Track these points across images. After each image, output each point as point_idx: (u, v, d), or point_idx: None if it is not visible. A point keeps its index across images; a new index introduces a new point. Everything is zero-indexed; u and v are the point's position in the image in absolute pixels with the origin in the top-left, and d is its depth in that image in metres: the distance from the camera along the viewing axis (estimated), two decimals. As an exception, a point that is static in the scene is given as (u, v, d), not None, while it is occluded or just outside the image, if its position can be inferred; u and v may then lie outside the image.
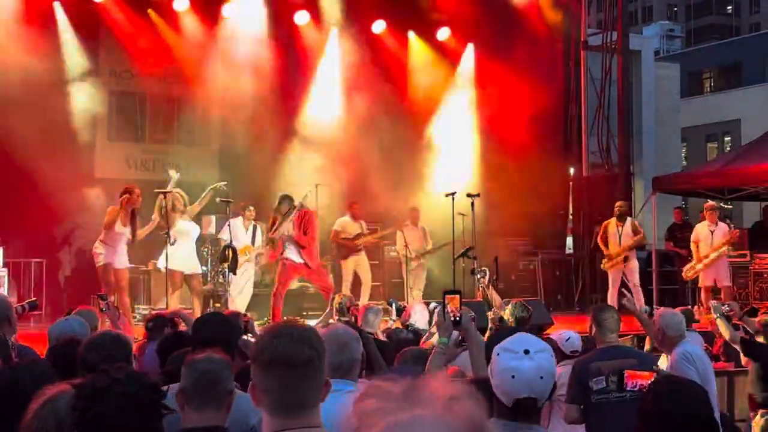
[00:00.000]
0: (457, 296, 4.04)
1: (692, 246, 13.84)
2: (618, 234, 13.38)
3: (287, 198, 11.83)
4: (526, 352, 2.98)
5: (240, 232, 12.54)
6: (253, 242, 12.65)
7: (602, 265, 13.69)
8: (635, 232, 13.37)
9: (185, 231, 11.39)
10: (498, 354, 3.04)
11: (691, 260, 13.82)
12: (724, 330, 7.39)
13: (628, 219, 13.57)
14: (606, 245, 13.51)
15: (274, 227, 11.76)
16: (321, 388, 2.52)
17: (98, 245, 10.86)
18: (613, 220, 13.55)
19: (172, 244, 11.18)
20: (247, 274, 12.60)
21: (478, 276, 11.15)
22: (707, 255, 13.43)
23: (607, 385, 5.31)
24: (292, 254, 11.68)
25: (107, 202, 11.38)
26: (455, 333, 4.07)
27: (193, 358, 3.39)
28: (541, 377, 2.98)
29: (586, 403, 5.41)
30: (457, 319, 3.98)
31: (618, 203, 13.85)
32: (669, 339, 6.20)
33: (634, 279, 13.42)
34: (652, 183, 15.97)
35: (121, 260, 10.95)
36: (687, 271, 13.86)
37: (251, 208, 12.73)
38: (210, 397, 3.24)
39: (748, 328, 7.70)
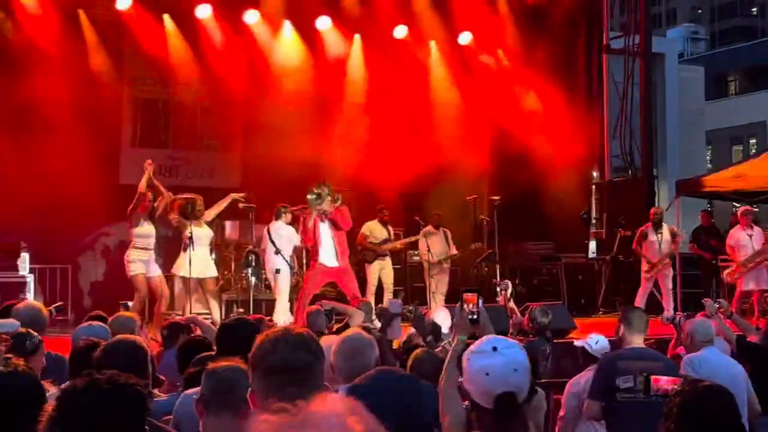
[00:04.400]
0: (475, 294, 4.03)
1: (728, 250, 13.82)
2: (658, 241, 13.41)
3: (326, 184, 11.65)
4: (494, 349, 3.01)
5: (291, 235, 12.50)
6: None
7: (644, 273, 13.66)
8: (673, 237, 13.46)
9: (198, 236, 11.45)
10: (468, 359, 3.07)
11: (730, 265, 13.83)
12: (720, 328, 7.35)
13: (664, 225, 13.60)
14: (643, 252, 13.54)
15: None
16: (321, 392, 2.55)
17: (130, 252, 10.99)
18: (650, 226, 13.56)
19: (185, 251, 11.26)
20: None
21: (500, 289, 11.10)
22: (752, 260, 13.40)
23: (635, 385, 5.27)
24: (326, 257, 11.53)
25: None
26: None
27: (212, 367, 3.42)
28: (515, 369, 3.00)
29: (610, 401, 5.38)
30: (475, 317, 3.97)
31: (654, 209, 13.88)
32: (695, 344, 6.22)
33: (668, 284, 13.50)
34: (675, 186, 15.90)
35: (153, 267, 11.06)
36: (729, 275, 13.78)
37: (283, 208, 12.65)
38: (227, 404, 3.25)
39: (738, 327, 7.67)
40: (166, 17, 14.59)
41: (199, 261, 11.37)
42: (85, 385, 2.53)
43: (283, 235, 12.44)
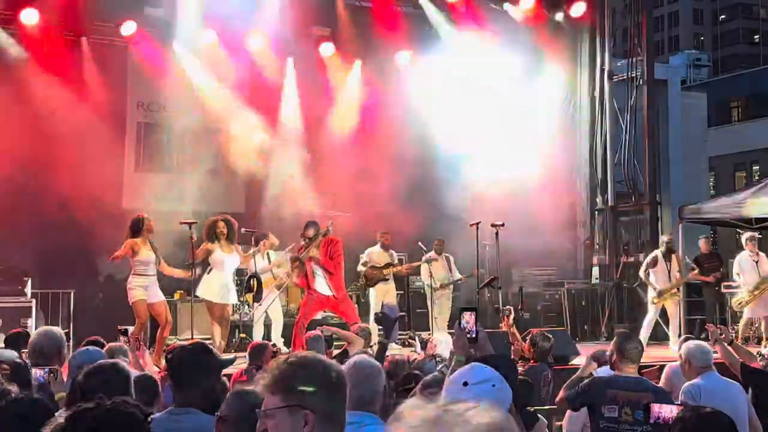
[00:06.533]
0: (474, 313, 4.00)
1: (735, 277, 13.80)
2: (667, 269, 13.42)
3: (314, 224, 11.89)
4: (465, 384, 2.94)
5: (259, 262, 12.61)
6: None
7: (651, 301, 13.66)
8: (680, 269, 13.54)
9: (219, 261, 11.53)
10: (445, 387, 3.01)
11: (727, 290, 13.84)
12: (724, 354, 7.32)
13: (675, 254, 13.63)
14: (653, 279, 13.53)
15: (303, 251, 11.81)
16: None
17: (130, 279, 11.01)
18: (659, 253, 13.55)
19: (208, 273, 11.39)
20: (263, 307, 12.65)
21: (502, 314, 11.06)
22: (758, 286, 13.38)
23: (619, 416, 5.27)
24: (320, 287, 11.66)
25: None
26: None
27: (242, 389, 3.38)
28: None
29: (594, 426, 5.39)
30: (473, 336, 3.94)
31: (666, 238, 13.90)
32: (693, 370, 6.20)
33: (677, 313, 13.61)
34: (678, 212, 15.88)
35: (154, 293, 11.07)
36: (737, 302, 13.77)
37: (269, 237, 12.77)
38: (251, 427, 3.22)
39: (735, 354, 7.60)
40: (170, 43, 14.64)
41: (221, 286, 11.48)
42: (88, 407, 2.54)
43: (259, 265, 12.60)
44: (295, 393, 2.45)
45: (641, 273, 13.93)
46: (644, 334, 13.51)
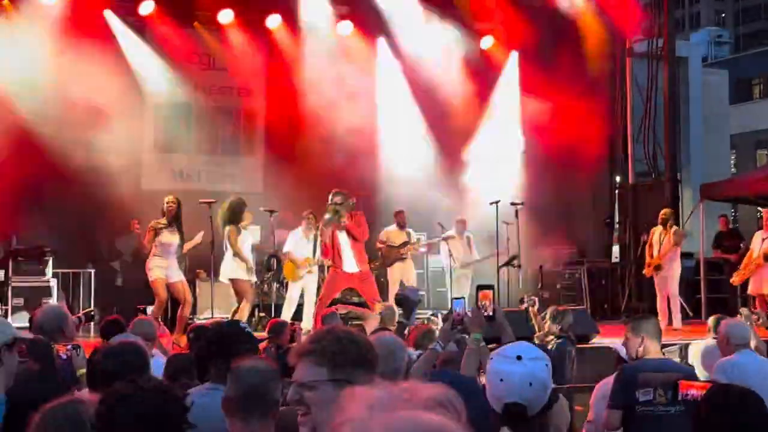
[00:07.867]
0: (490, 291, 3.99)
1: (748, 253, 13.68)
2: (660, 242, 13.29)
3: (341, 193, 11.71)
4: (519, 357, 2.97)
5: (301, 242, 12.57)
6: (314, 253, 12.60)
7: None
8: (674, 235, 13.30)
9: (245, 240, 11.67)
10: (491, 359, 3.05)
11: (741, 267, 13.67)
12: (751, 337, 7.28)
13: (673, 227, 13.45)
14: (651, 252, 13.45)
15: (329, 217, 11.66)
16: None
17: (150, 259, 11.06)
18: (659, 227, 13.46)
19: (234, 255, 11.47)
20: (299, 285, 12.60)
21: (527, 305, 10.98)
22: (754, 262, 13.25)
23: (654, 398, 5.22)
24: (346, 265, 11.54)
25: (154, 214, 11.45)
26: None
27: (239, 366, 3.36)
28: (530, 384, 2.95)
29: (629, 413, 5.32)
30: (491, 314, 3.92)
31: (662, 211, 13.73)
32: (731, 347, 6.15)
33: (672, 288, 13.26)
34: (699, 190, 15.78)
35: (174, 273, 11.12)
36: (733, 277, 13.68)
37: (311, 216, 12.67)
38: (255, 407, 3.20)
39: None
40: (189, 22, 14.62)
41: (251, 264, 11.61)
42: (127, 389, 2.52)
43: (299, 244, 12.58)
44: (344, 367, 2.47)
45: (646, 247, 13.84)
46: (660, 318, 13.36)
